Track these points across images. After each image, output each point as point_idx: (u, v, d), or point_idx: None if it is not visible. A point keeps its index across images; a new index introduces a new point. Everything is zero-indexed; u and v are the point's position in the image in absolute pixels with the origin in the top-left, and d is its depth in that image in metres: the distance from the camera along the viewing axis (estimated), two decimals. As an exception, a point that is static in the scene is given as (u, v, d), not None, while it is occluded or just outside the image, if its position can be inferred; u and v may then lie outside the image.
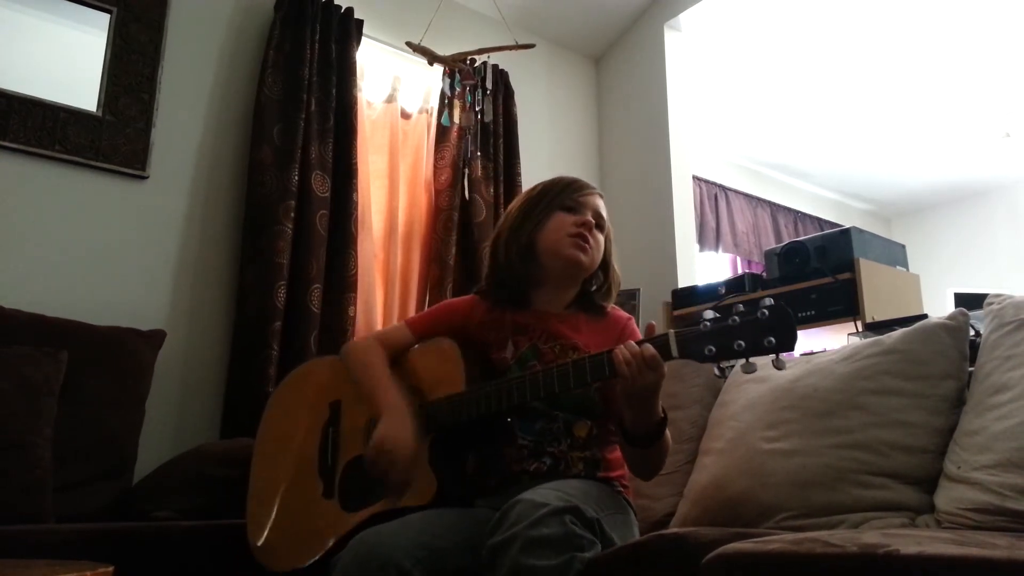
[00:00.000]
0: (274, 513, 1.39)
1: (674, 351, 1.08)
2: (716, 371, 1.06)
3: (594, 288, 1.43)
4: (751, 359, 1.03)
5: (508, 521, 1.00)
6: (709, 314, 1.07)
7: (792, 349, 1.00)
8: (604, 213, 1.43)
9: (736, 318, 1.03)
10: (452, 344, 1.36)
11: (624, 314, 1.44)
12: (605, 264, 1.43)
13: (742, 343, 1.02)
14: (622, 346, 1.11)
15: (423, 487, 1.22)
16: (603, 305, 1.42)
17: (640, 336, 1.27)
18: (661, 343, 1.09)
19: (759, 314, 1.01)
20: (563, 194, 1.40)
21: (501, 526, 1.01)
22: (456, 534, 1.12)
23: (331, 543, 1.24)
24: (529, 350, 1.35)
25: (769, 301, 1.02)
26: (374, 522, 1.18)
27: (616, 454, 1.35)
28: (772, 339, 1.00)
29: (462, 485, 1.29)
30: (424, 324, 1.46)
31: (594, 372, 1.14)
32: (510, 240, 1.40)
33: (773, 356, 1.02)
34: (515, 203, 1.47)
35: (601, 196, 1.45)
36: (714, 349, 1.04)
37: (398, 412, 1.28)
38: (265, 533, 1.38)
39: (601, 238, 1.41)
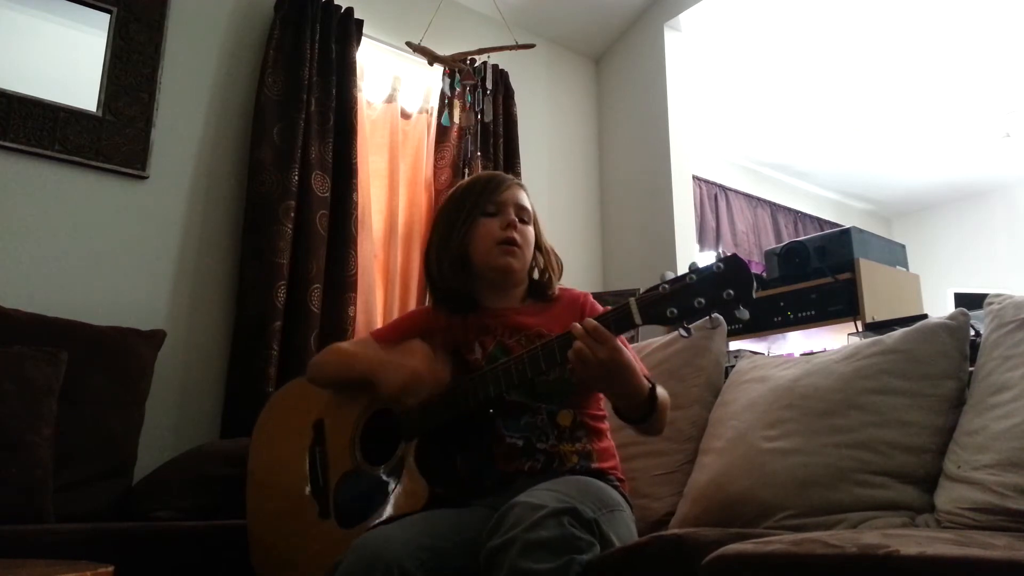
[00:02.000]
0: (274, 545, 1.38)
1: (637, 318, 1.08)
2: (682, 331, 1.07)
3: (537, 276, 1.43)
4: (715, 315, 1.03)
5: (506, 524, 1.00)
6: (668, 275, 1.09)
7: (750, 298, 1.01)
8: (527, 203, 1.42)
9: (693, 276, 1.04)
10: (422, 345, 1.33)
11: (579, 292, 1.44)
12: (540, 248, 1.43)
13: (702, 300, 1.03)
14: (577, 323, 1.11)
15: (415, 492, 1.22)
16: (549, 290, 1.41)
17: (601, 309, 1.28)
18: (624, 313, 1.09)
19: (715, 268, 1.03)
20: (482, 197, 1.38)
21: (499, 529, 1.00)
22: (457, 534, 1.12)
23: (334, 562, 1.24)
24: (496, 348, 1.34)
25: (723, 254, 1.03)
26: None
27: (605, 443, 1.35)
28: (731, 291, 1.01)
29: (455, 486, 1.29)
30: (387, 334, 1.45)
31: (563, 351, 1.13)
32: (441, 254, 1.39)
33: (736, 308, 1.02)
34: (439, 211, 1.46)
35: (520, 186, 1.43)
36: (676, 311, 1.05)
37: (385, 363, 1.27)
38: (268, 563, 1.38)
39: (529, 230, 1.40)
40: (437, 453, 1.28)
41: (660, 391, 1.23)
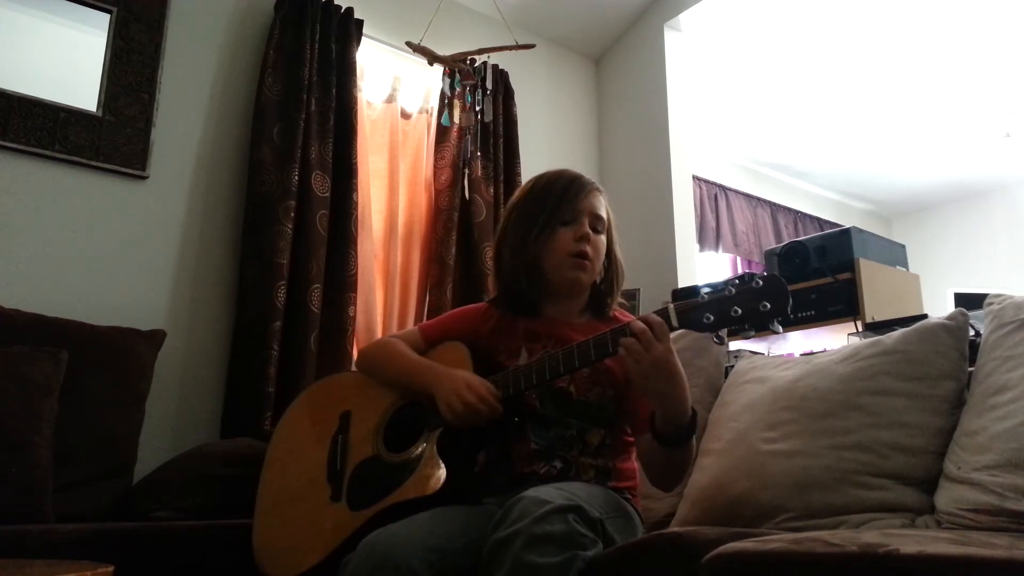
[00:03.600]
0: (280, 524, 1.38)
1: (674, 321, 1.12)
2: (715, 338, 1.11)
3: (600, 284, 1.43)
4: (748, 325, 1.08)
5: (511, 517, 1.00)
6: (707, 288, 1.13)
7: (786, 314, 1.05)
8: (603, 211, 1.40)
9: (732, 288, 1.09)
10: (461, 346, 1.37)
11: (629, 316, 1.44)
12: (609, 256, 1.42)
13: (738, 309, 1.07)
14: (635, 319, 1.13)
15: (431, 477, 1.22)
16: (607, 305, 1.41)
17: None
18: (662, 316, 1.13)
19: (754, 283, 1.07)
20: (561, 205, 1.36)
21: (504, 522, 1.01)
22: (465, 535, 1.12)
23: (337, 543, 1.23)
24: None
25: (764, 274, 1.08)
26: (382, 518, 1.18)
27: (628, 465, 1.35)
28: (767, 303, 1.05)
29: (470, 482, 1.29)
30: (435, 330, 1.48)
31: (598, 348, 1.16)
32: (514, 256, 1.38)
33: (771, 322, 1.06)
34: (513, 207, 1.44)
35: (599, 191, 1.42)
36: (712, 317, 1.09)
37: (442, 372, 1.30)
38: (271, 544, 1.38)
39: (601, 240, 1.39)
40: (460, 445, 1.28)
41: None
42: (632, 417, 1.32)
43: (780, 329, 1.06)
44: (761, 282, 1.06)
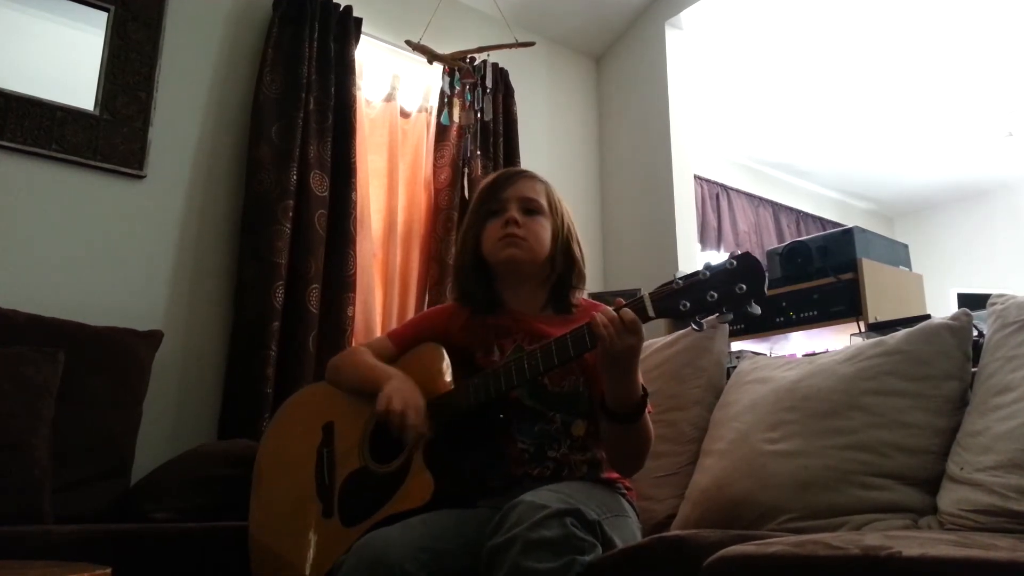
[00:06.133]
0: (276, 546, 1.37)
1: (650, 311, 1.10)
2: (694, 325, 1.09)
3: (559, 276, 1.39)
4: (725, 309, 1.06)
5: (508, 522, 1.00)
6: (681, 274, 1.11)
7: (762, 293, 1.03)
8: (536, 194, 1.38)
9: (706, 272, 1.07)
10: (438, 347, 1.36)
11: (595, 303, 1.42)
12: (560, 245, 1.38)
13: (714, 294, 1.05)
14: (599, 312, 1.12)
15: (420, 488, 1.21)
16: (570, 300, 1.39)
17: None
18: (638, 306, 1.11)
19: (728, 264, 1.06)
20: (487, 200, 1.40)
21: (501, 527, 1.01)
22: (459, 536, 1.12)
23: (333, 561, 1.22)
24: (516, 352, 1.34)
25: (737, 253, 1.07)
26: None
27: None
28: (743, 285, 1.03)
29: (461, 486, 1.28)
30: (405, 335, 1.46)
31: (576, 345, 1.15)
32: (462, 259, 1.43)
33: (748, 303, 1.04)
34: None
35: (531, 178, 1.41)
36: (688, 304, 1.07)
37: (399, 376, 1.30)
38: (267, 567, 1.37)
39: (535, 221, 1.36)
40: (447, 451, 1.27)
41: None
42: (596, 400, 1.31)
43: (758, 310, 1.04)
44: (735, 262, 1.05)
